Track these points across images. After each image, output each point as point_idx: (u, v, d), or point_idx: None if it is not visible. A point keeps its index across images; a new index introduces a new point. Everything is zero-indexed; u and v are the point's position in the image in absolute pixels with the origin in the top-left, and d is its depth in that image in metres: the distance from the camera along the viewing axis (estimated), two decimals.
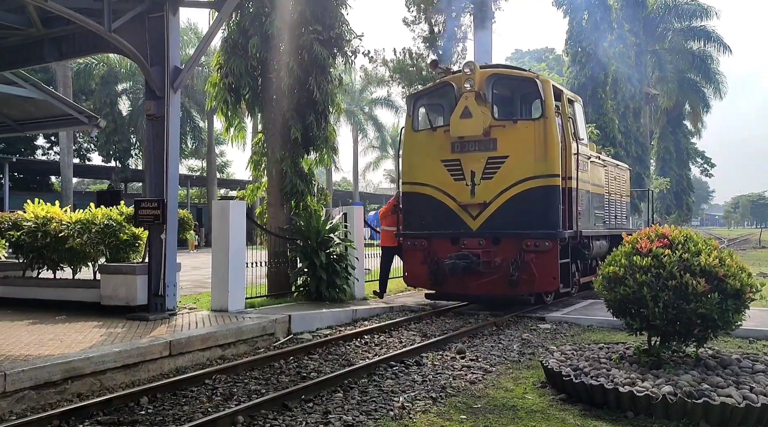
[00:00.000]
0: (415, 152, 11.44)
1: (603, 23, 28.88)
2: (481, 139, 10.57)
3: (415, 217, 11.33)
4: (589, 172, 11.82)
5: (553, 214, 10.13)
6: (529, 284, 10.16)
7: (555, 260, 10.08)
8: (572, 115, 11.17)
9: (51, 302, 9.76)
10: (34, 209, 10.27)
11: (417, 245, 11.12)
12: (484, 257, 10.34)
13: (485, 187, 10.56)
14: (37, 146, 43.24)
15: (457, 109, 10.63)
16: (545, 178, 10.17)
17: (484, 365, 7.06)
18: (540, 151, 10.23)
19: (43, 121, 14.70)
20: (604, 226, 12.90)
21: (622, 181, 15.37)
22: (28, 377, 5.64)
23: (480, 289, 10.49)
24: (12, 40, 10.56)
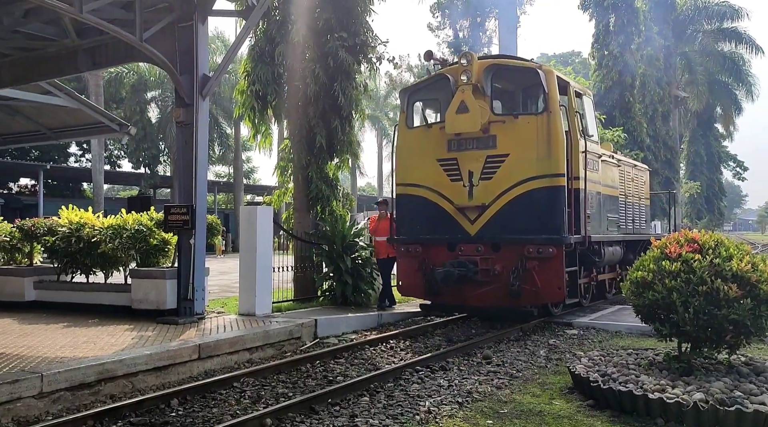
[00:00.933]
0: (409, 151, 10.50)
1: (630, 26, 28.53)
2: (480, 136, 9.71)
3: (409, 221, 10.41)
4: (600, 172, 10.92)
5: (557, 217, 9.25)
6: (531, 295, 9.28)
7: (560, 268, 9.17)
8: (580, 109, 10.33)
9: (84, 305, 10.00)
10: (68, 215, 10.53)
11: (411, 252, 10.19)
12: (482, 265, 9.50)
13: (484, 189, 9.67)
14: (69, 154, 44.25)
15: (453, 103, 9.71)
16: (549, 178, 9.28)
17: (511, 370, 7.03)
18: (543, 148, 9.34)
19: (76, 129, 15.09)
20: (619, 231, 12.04)
21: (641, 182, 14.37)
22: (64, 379, 5.80)
23: (478, 300, 9.64)
24: (48, 50, 10.87)
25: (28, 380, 5.57)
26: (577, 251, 9.91)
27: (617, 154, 12.97)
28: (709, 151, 45.30)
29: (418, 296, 10.61)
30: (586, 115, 10.53)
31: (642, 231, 13.87)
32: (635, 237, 13.07)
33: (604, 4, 28.71)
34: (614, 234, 11.69)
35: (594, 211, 10.40)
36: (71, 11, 8.33)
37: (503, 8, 19.18)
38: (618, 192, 12.11)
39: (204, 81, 9.31)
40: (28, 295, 10.60)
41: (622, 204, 12.48)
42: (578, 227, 9.69)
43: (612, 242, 11.52)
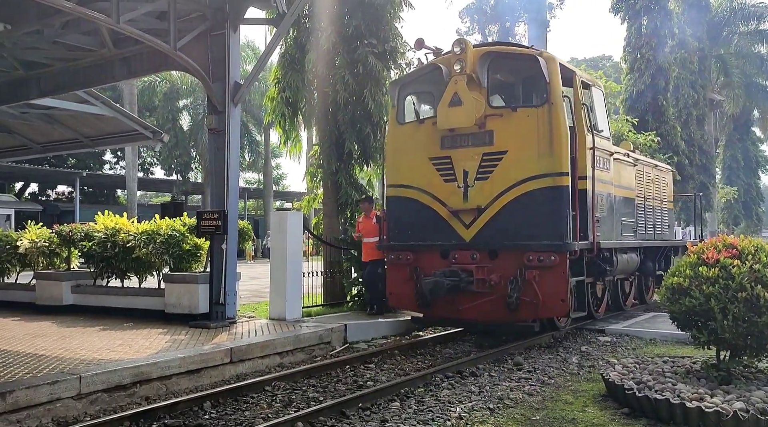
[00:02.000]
0: (400, 149, 9.61)
1: (663, 28, 28.05)
2: (475, 131, 8.81)
3: (399, 226, 9.49)
4: (612, 172, 9.96)
5: (560, 221, 8.29)
6: (531, 308, 8.31)
7: (563, 277, 8.21)
8: (588, 101, 9.39)
9: (119, 309, 10.21)
10: (104, 221, 10.77)
11: (401, 260, 9.25)
12: (477, 274, 8.53)
13: (480, 190, 8.76)
14: (104, 161, 45.33)
15: (445, 95, 8.84)
16: (551, 178, 8.36)
17: (542, 377, 6.94)
18: (544, 144, 8.43)
19: (112, 137, 15.47)
20: (635, 236, 11.02)
21: (662, 184, 13.23)
22: (101, 381, 5.93)
23: (472, 313, 8.67)
24: (86, 61, 11.17)
25: (67, 381, 5.71)
26: (585, 259, 8.90)
27: (635, 153, 12.11)
28: (747, 156, 44.17)
29: (408, 307, 9.52)
30: (595, 109, 9.56)
31: (664, 237, 12.89)
32: (655, 243, 12.15)
33: (636, 7, 28.28)
34: (629, 240, 10.70)
35: (604, 215, 9.50)
36: (109, 22, 8.56)
37: (532, 12, 19.06)
38: (634, 194, 11.14)
39: (236, 88, 9.45)
40: (66, 299, 10.86)
41: (640, 207, 11.54)
42: (585, 232, 8.76)
43: (627, 248, 10.53)
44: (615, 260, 9.89)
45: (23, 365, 6.40)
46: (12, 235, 12.42)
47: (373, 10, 11.62)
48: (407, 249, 9.27)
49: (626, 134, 21.23)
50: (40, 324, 9.46)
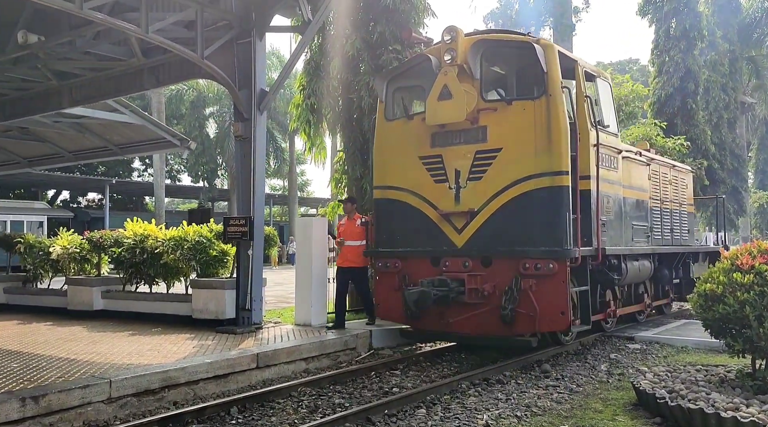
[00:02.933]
0: (388, 148, 8.97)
1: (693, 30, 27.59)
2: (468, 127, 8.15)
3: (387, 231, 8.87)
4: (621, 171, 9.24)
5: (559, 225, 7.60)
6: (528, 321, 7.61)
7: (562, 287, 7.49)
8: (593, 94, 8.67)
9: (148, 314, 10.35)
10: (133, 227, 10.94)
11: (390, 268, 8.64)
12: (470, 284, 7.87)
13: (473, 191, 8.11)
14: (133, 169, 46.12)
15: (434, 88, 8.18)
16: (549, 177, 7.65)
17: (570, 384, 6.84)
18: (542, 140, 7.72)
19: (140, 145, 15.75)
20: (648, 241, 10.29)
21: (681, 185, 12.44)
22: (131, 385, 6.00)
23: (464, 326, 8.04)
24: (116, 70, 11.39)
25: (97, 385, 5.79)
26: (589, 267, 8.20)
27: (650, 152, 11.40)
28: None
29: (397, 319, 8.84)
30: (600, 102, 8.85)
31: (684, 242, 12.14)
32: (672, 249, 11.39)
33: (664, 9, 27.90)
34: (641, 246, 9.97)
35: (611, 218, 8.86)
36: (138, 32, 8.73)
37: (557, 16, 18.90)
38: (647, 195, 10.43)
39: (261, 96, 9.54)
40: (97, 304, 11.05)
41: (655, 210, 10.83)
42: (589, 237, 8.10)
43: (638, 255, 9.74)
44: (624, 268, 9.12)
45: (56, 368, 6.52)
46: (45, 241, 12.69)
47: (398, 17, 11.63)
48: (395, 256, 8.64)
49: (654, 138, 20.90)
50: (71, 329, 9.63)
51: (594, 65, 9.26)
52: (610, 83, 9.52)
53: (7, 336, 9.03)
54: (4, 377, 6.16)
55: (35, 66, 11.59)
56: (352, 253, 9.41)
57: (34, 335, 9.06)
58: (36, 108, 12.99)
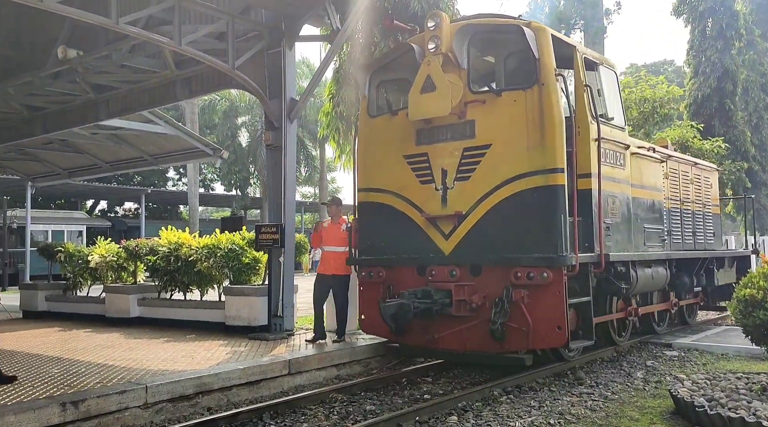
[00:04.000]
0: (372, 147, 8.29)
1: (730, 30, 27.00)
2: (455, 122, 7.43)
3: (371, 237, 8.16)
4: (629, 169, 8.43)
5: (553, 228, 6.80)
6: (520, 337, 6.86)
7: (558, 298, 6.73)
8: (595, 83, 7.90)
9: (182, 321, 10.52)
10: (167, 236, 11.16)
11: (374, 278, 7.97)
12: (457, 294, 7.13)
13: (460, 192, 7.37)
14: (168, 178, 47.06)
15: (417, 80, 7.46)
16: (542, 176, 6.87)
17: (605, 392, 6.71)
18: (534, 135, 6.95)
19: (175, 155, 16.11)
20: (663, 246, 9.39)
21: (705, 185, 11.47)
22: (166, 391, 6.11)
23: (450, 342, 7.34)
24: (150, 82, 11.68)
25: (134, 391, 5.92)
26: (591, 275, 7.45)
27: (667, 149, 10.57)
28: None
29: (381, 334, 8.12)
30: (604, 93, 8.05)
31: (708, 246, 11.21)
32: (692, 254, 10.36)
33: (699, 9, 27.37)
34: (654, 251, 9.05)
35: (617, 221, 8.04)
36: (171, 44, 8.94)
37: (588, 19, 18.68)
38: (662, 195, 9.51)
39: (292, 105, 9.66)
40: (133, 311, 11.28)
41: (675, 212, 10.06)
42: (590, 242, 7.37)
43: (650, 261, 8.83)
44: (633, 276, 8.22)
45: (94, 374, 6.68)
46: (84, 250, 13.04)
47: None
48: (379, 264, 7.96)
49: (691, 141, 20.47)
50: (109, 335, 9.85)
51: (594, 53, 8.51)
52: (615, 72, 8.71)
53: (48, 342, 9.29)
54: (45, 382, 6.34)
55: (74, 80, 11.95)
56: (334, 259, 8.73)
57: (74, 342, 9.31)
58: (75, 121, 13.39)
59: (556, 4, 19.11)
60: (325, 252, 8.90)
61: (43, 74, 11.46)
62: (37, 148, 16.68)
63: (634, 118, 20.97)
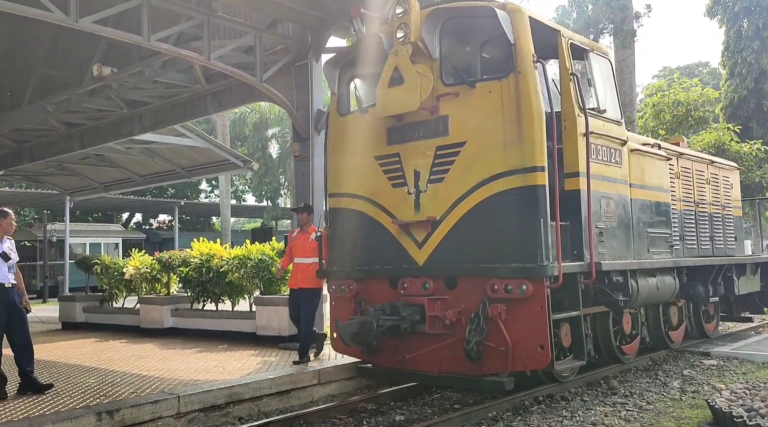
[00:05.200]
0: (342, 148, 7.61)
1: (766, 30, 26.38)
2: (427, 118, 6.71)
3: (342, 246, 7.48)
4: (629, 167, 7.61)
5: (532, 234, 6.04)
6: (499, 357, 6.11)
7: (540, 314, 5.96)
8: (584, 72, 7.18)
9: (214, 331, 10.66)
10: (199, 247, 11.34)
11: (345, 290, 7.26)
12: (430, 310, 6.36)
13: (434, 196, 6.63)
14: (200, 190, 47.88)
15: (384, 72, 6.77)
16: (520, 176, 6.13)
17: (640, 401, 6.57)
18: (511, 130, 6.22)
19: (206, 167, 16.40)
20: (671, 252, 8.45)
21: (723, 185, 10.56)
22: (198, 400, 6.20)
23: (423, 363, 6.57)
24: (182, 96, 11.94)
25: (167, 400, 6.02)
26: (581, 287, 6.63)
27: (679, 146, 9.77)
28: None
29: (354, 354, 7.38)
30: (595, 82, 7.25)
31: (728, 252, 10.34)
32: (706, 261, 9.40)
33: (734, 9, 26.82)
34: (660, 258, 8.11)
35: (613, 225, 7.18)
36: (201, 60, 9.13)
37: (617, 22, 18.42)
38: (669, 196, 8.58)
39: (319, 116, 9.75)
40: (167, 322, 11.48)
41: (688, 215, 9.26)
42: (579, 249, 6.61)
43: (653, 269, 7.88)
44: (633, 286, 7.29)
45: (128, 384, 6.81)
46: (119, 262, 13.33)
47: None
48: (349, 276, 7.27)
49: (728, 144, 20.01)
50: (143, 346, 10.04)
51: (583, 38, 7.54)
52: (609, 59, 7.79)
53: (85, 353, 9.52)
54: (82, 392, 6.49)
55: (109, 96, 12.29)
56: (302, 271, 8.01)
57: (109, 352, 9.51)
58: (110, 135, 13.75)
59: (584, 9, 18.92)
60: (294, 264, 8.21)
61: (79, 92, 11.81)
62: (75, 163, 17.17)
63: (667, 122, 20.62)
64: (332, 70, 7.81)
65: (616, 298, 7.07)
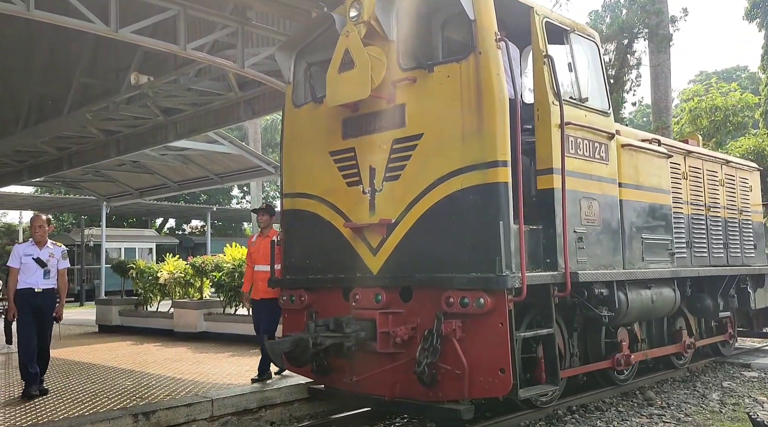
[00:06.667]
0: (297, 143, 6.80)
1: None
2: (384, 108, 5.96)
3: (296, 252, 6.70)
4: (616, 164, 6.63)
5: (491, 240, 5.24)
6: (454, 382, 5.31)
7: (501, 332, 5.14)
8: (563, 56, 6.30)
9: (246, 336, 10.75)
10: (231, 252, 11.49)
11: (296, 302, 6.47)
12: (382, 325, 5.58)
13: (390, 196, 5.88)
14: (232, 196, 48.56)
15: (335, 56, 6.04)
16: (479, 172, 5.35)
17: (678, 413, 6.42)
18: (470, 119, 5.44)
19: (238, 173, 16.62)
20: (672, 261, 7.40)
21: (740, 187, 9.50)
22: (231, 404, 6.28)
23: (375, 385, 5.78)
24: (215, 104, 12.13)
25: (201, 404, 6.11)
26: (553, 300, 5.69)
27: (688, 144, 8.87)
28: None
29: (305, 373, 6.57)
30: (576, 68, 6.34)
31: (746, 261, 9.24)
32: (716, 271, 8.39)
33: None
34: (658, 267, 7.12)
35: (597, 229, 6.26)
36: (235, 67, 9.27)
37: (653, 27, 18.12)
38: (669, 199, 7.55)
39: None
40: (200, 326, 11.64)
41: (698, 220, 8.35)
42: (553, 257, 5.74)
43: (647, 280, 6.87)
44: (621, 300, 6.35)
45: (163, 387, 6.92)
46: (154, 267, 13.58)
47: None
48: (299, 286, 6.50)
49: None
50: (177, 349, 10.19)
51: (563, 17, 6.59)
52: (596, 42, 6.81)
53: (121, 356, 9.71)
54: (119, 394, 6.63)
55: (145, 104, 12.54)
56: (262, 280, 7.27)
57: (144, 355, 9.68)
58: (146, 142, 14.03)
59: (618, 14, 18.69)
60: (255, 272, 7.53)
61: (117, 100, 12.08)
62: (112, 169, 17.56)
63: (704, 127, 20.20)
64: (286, 57, 6.94)
65: (600, 313, 6.10)
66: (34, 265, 6.67)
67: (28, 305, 6.62)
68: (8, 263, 6.82)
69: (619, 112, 18.10)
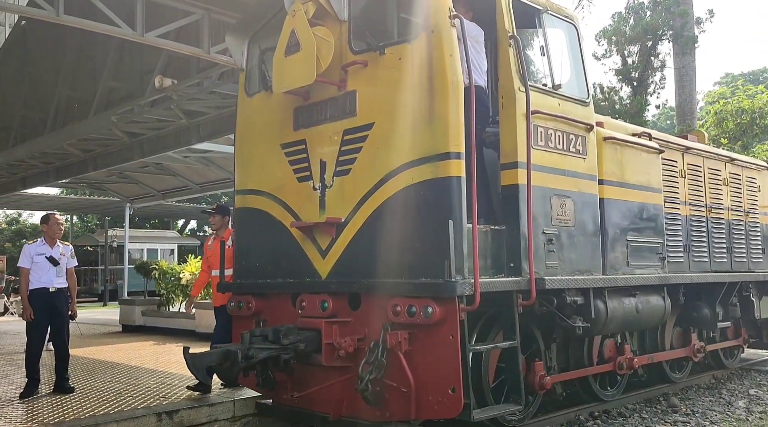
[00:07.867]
0: (249, 135, 6.31)
1: None
2: (335, 95, 5.48)
3: (246, 254, 6.24)
4: (594, 159, 5.98)
5: (441, 241, 4.69)
6: (399, 401, 4.80)
7: (451, 346, 4.61)
8: (533, 38, 5.98)
9: None
10: None
11: (243, 308, 6.01)
12: (327, 336, 5.09)
13: (340, 192, 5.42)
14: None
15: (281, 38, 5.52)
16: (430, 165, 4.86)
17: (703, 421, 6.32)
18: (421, 105, 4.96)
19: None
20: (663, 266, 6.80)
21: (747, 187, 8.79)
22: (252, 404, 6.33)
23: (320, 402, 5.31)
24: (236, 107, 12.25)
25: (223, 404, 6.19)
26: (517, 309, 5.09)
27: (687, 140, 8.16)
28: None
29: (252, 386, 6.07)
30: (549, 51, 5.71)
31: (754, 266, 8.59)
32: (713, 278, 7.65)
33: None
34: (646, 272, 6.52)
35: (571, 230, 5.64)
36: None
37: (677, 29, 17.87)
38: (660, 198, 6.90)
39: None
40: None
41: (697, 221, 7.66)
42: (517, 261, 5.15)
43: (631, 288, 6.27)
44: (599, 309, 5.73)
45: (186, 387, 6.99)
46: (176, 268, 13.74)
47: None
48: (246, 291, 6.04)
49: None
50: (199, 350, 10.25)
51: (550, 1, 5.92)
52: (574, 24, 6.11)
53: (144, 355, 9.83)
54: (143, 393, 6.72)
55: (169, 107, 12.71)
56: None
57: (167, 355, 9.79)
58: (169, 145, 14.21)
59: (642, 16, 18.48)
60: (212, 277, 7.11)
61: (141, 103, 12.27)
62: (135, 171, 17.82)
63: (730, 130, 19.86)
64: (238, 42, 6.40)
65: (573, 324, 5.47)
66: (46, 264, 6.75)
67: (43, 304, 6.70)
68: (19, 263, 6.87)
69: (643, 115, 17.89)
